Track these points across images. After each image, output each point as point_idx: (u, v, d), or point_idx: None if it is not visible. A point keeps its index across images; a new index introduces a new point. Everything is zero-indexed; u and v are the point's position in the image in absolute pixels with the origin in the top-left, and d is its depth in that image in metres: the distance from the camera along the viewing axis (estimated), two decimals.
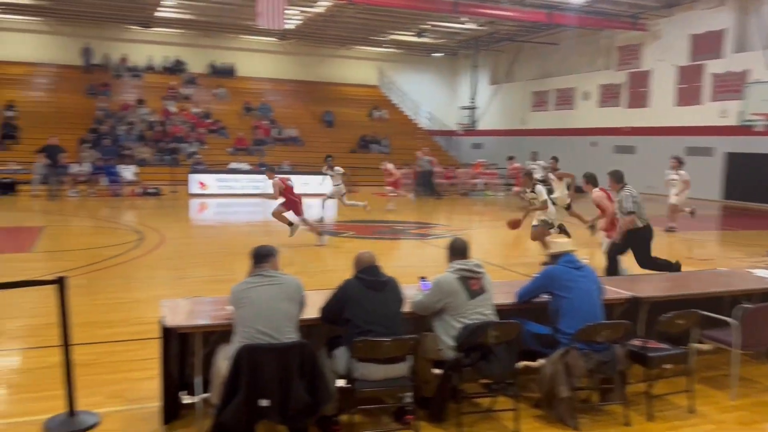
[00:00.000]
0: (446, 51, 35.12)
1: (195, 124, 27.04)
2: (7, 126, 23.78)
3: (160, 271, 9.51)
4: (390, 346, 3.97)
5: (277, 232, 14.07)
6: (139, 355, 5.58)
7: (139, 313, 6.92)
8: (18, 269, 9.01)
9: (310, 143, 28.26)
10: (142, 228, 13.25)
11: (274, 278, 4.02)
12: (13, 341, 6.16)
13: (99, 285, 8.26)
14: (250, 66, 32.81)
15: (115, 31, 30.30)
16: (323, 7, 25.39)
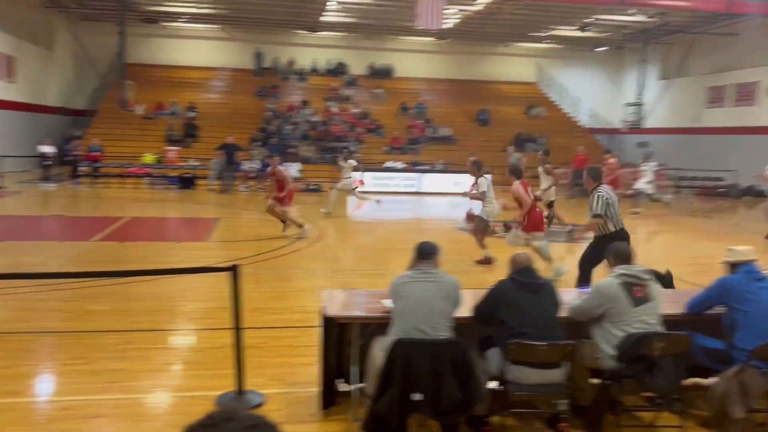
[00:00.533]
0: (611, 45, 33.39)
1: (354, 123, 28.04)
2: (189, 125, 26.15)
3: (319, 263, 9.98)
4: (545, 351, 3.87)
5: (429, 229, 14.21)
6: (300, 341, 5.90)
7: (301, 302, 7.31)
8: (196, 256, 9.89)
9: (463, 142, 28.21)
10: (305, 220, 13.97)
11: (433, 275, 4.07)
12: (191, 322, 6.78)
13: (265, 274, 8.83)
14: (407, 66, 33.40)
15: (284, 36, 32.22)
16: (482, 5, 25.22)
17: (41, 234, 11.70)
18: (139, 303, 7.11)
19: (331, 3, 25.93)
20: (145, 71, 29.44)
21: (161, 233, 11.89)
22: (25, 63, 25.14)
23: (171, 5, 27.40)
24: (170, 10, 28.13)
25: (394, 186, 22.32)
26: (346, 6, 26.49)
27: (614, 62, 34.84)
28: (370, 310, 4.40)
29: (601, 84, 34.61)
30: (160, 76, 29.78)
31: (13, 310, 6.76)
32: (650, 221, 17.11)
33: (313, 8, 26.94)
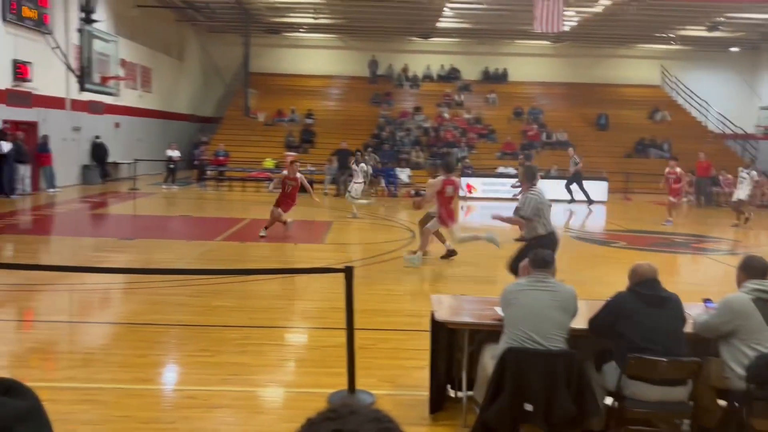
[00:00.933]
0: (745, 45, 31.14)
1: (466, 129, 27.90)
2: (307, 132, 27.08)
3: (428, 267, 10.01)
4: (667, 367, 3.67)
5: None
6: (409, 344, 5.95)
7: (410, 306, 7.38)
8: (312, 258, 10.23)
9: (581, 147, 27.26)
10: (414, 228, 14.08)
11: (549, 284, 3.97)
12: (306, 321, 7.02)
13: (376, 276, 8.98)
14: (521, 70, 32.83)
15: (399, 44, 32.65)
16: (602, 6, 24.34)
17: (171, 233, 12.55)
18: (259, 300, 7.45)
19: (446, 10, 25.98)
20: (266, 80, 30.84)
21: (279, 235, 12.39)
22: (159, 73, 27.09)
23: (292, 16, 28.55)
24: (291, 20, 29.33)
25: (505, 192, 21.95)
26: (461, 12, 26.45)
27: (748, 63, 32.45)
28: (481, 317, 4.36)
29: (733, 86, 32.32)
30: (281, 85, 31.10)
31: (146, 303, 7.29)
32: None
33: (428, 15, 27.11)
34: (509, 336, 3.83)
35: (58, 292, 7.71)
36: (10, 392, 1.06)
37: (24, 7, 16.94)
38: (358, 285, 4.86)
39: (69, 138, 19.79)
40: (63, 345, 5.94)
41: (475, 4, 24.82)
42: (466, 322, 4.32)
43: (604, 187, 21.98)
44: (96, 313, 7.04)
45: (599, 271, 10.21)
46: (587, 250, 12.13)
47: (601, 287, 7.98)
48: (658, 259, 11.19)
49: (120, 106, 22.95)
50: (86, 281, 8.04)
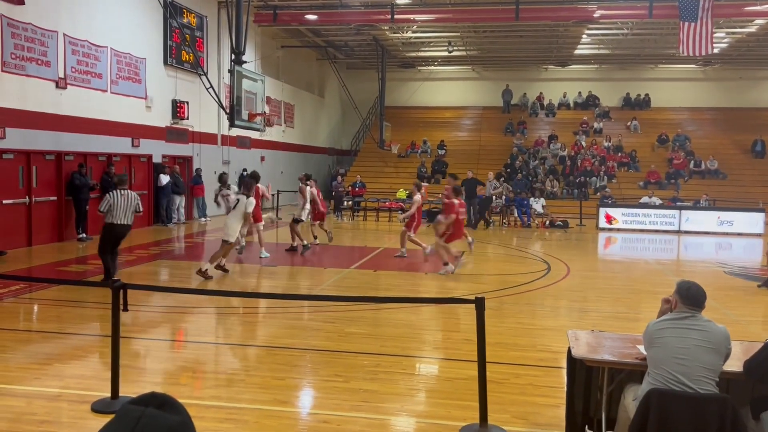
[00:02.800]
0: None
1: (605, 157, 26.85)
2: (438, 162, 27.31)
3: (564, 301, 9.66)
4: None
5: (690, 272, 12.98)
6: (543, 381, 5.74)
7: (544, 341, 7.13)
8: (443, 287, 10.22)
9: (734, 176, 25.34)
10: (549, 259, 13.67)
11: (698, 322, 3.65)
12: (436, 351, 7.00)
13: (508, 309, 8.79)
14: (665, 96, 31.19)
15: (533, 72, 32.25)
16: (756, 26, 22.66)
17: (310, 261, 13.06)
18: (391, 328, 7.54)
19: (584, 36, 25.36)
20: (400, 113, 31.60)
21: (411, 263, 12.51)
22: (301, 109, 28.60)
23: (426, 50, 29.15)
24: (425, 54, 29.94)
25: (650, 223, 20.78)
26: (600, 38, 25.71)
27: None
28: (623, 356, 4.13)
29: None
30: (414, 117, 31.73)
31: (284, 328, 7.62)
32: None
33: (565, 43, 26.63)
34: (653, 376, 3.59)
35: (206, 315, 8.27)
36: (164, 406, 1.15)
37: (183, 51, 18.66)
38: (489, 317, 4.78)
39: (219, 171, 21.34)
40: (209, 365, 6.34)
41: (615, 30, 24.03)
42: (606, 359, 4.11)
43: (761, 218, 20.17)
44: (239, 336, 7.46)
45: (756, 309, 9.35)
46: (740, 287, 11.15)
47: (756, 327, 7.31)
48: None
49: (265, 140, 24.44)
50: (232, 305, 8.55)
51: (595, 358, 4.10)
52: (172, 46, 18.34)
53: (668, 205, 22.15)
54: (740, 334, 6.77)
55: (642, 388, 3.63)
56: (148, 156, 17.72)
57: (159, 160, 18.22)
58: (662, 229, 20.46)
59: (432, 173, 26.75)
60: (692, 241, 18.65)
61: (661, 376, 3.54)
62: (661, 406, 3.41)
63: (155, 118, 17.93)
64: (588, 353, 4.18)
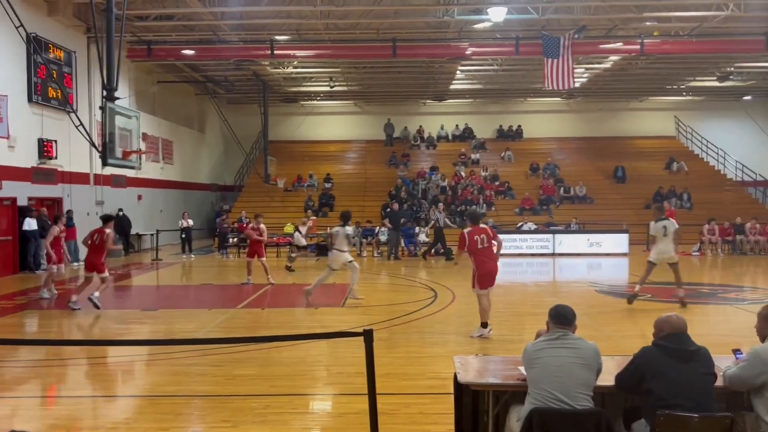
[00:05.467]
0: (758, 93, 31.30)
1: (483, 186, 28.03)
2: (325, 195, 27.40)
3: (451, 327, 9.88)
4: (699, 424, 3.55)
5: (565, 292, 13.70)
6: (433, 408, 5.82)
7: (433, 368, 7.25)
8: (333, 321, 10.17)
9: (600, 200, 27.27)
10: (435, 286, 13.99)
11: (570, 341, 3.88)
12: (328, 387, 6.92)
13: (398, 338, 8.88)
14: (535, 127, 33.21)
15: (413, 107, 33.33)
16: (611, 62, 24.74)
17: (192, 302, 12.58)
18: (280, 367, 7.39)
19: (458, 72, 26.57)
20: (285, 147, 31.51)
21: (300, 299, 12.38)
22: (180, 145, 27.77)
23: (308, 86, 29.37)
24: (307, 89, 30.16)
25: (527, 248, 21.85)
26: (473, 74, 27.03)
27: (762, 110, 32.55)
28: (506, 378, 4.28)
29: (749, 134, 32.32)
30: (299, 151, 31.76)
31: (167, 375, 7.26)
32: None
33: (441, 79, 27.74)
34: (533, 396, 3.75)
35: (81, 366, 7.72)
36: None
37: (49, 88, 17.63)
38: (380, 348, 4.81)
39: (93, 212, 20.19)
40: (86, 421, 5.91)
41: (486, 66, 25.37)
42: (490, 383, 4.24)
43: (625, 239, 21.79)
44: (118, 387, 7.01)
45: (625, 325, 10.01)
46: (611, 304, 11.94)
47: (627, 341, 7.82)
48: (686, 311, 10.96)
49: (142, 178, 23.47)
50: (109, 354, 8.05)
51: (479, 382, 4.22)
52: (37, 83, 17.29)
53: (542, 230, 23.43)
54: (612, 349, 7.20)
55: (524, 408, 3.77)
56: (11, 199, 16.49)
57: (25, 203, 17.00)
58: (538, 253, 21.58)
59: (320, 206, 26.76)
60: (566, 263, 19.77)
61: (540, 395, 3.70)
62: (542, 424, 3.56)
63: (19, 159, 16.75)
64: (473, 378, 4.30)
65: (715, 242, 21.84)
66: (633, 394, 3.96)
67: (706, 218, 22.59)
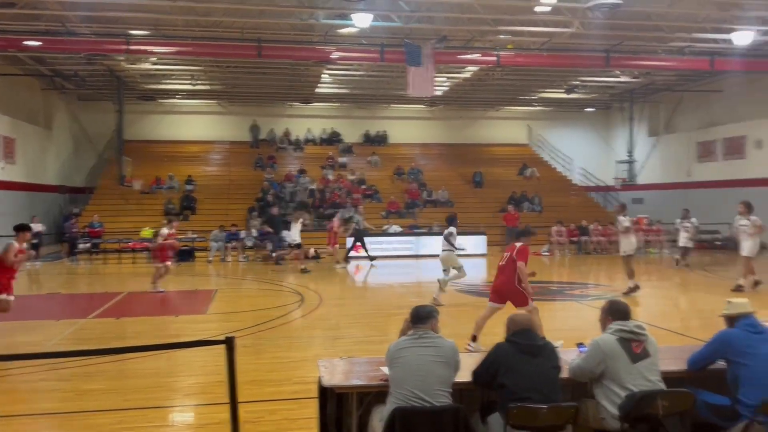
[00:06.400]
0: (599, 105, 34.16)
1: (350, 190, 28.30)
2: (187, 198, 26.37)
3: (318, 331, 9.88)
4: (547, 414, 3.79)
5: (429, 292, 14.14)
6: (299, 414, 5.78)
7: (300, 373, 7.20)
8: (195, 330, 9.80)
9: (460, 204, 28.44)
10: (302, 290, 13.92)
11: (430, 339, 4.01)
12: (189, 398, 6.65)
13: (264, 344, 8.72)
14: (400, 132, 34.00)
15: (279, 109, 32.92)
16: (470, 72, 25.90)
17: (38, 313, 11.61)
18: (136, 380, 7.00)
19: (325, 76, 26.62)
20: (142, 147, 29.93)
21: (159, 307, 11.80)
22: (23, 143, 25.51)
23: (168, 83, 28.10)
24: (166, 87, 28.84)
25: (393, 250, 22.33)
26: (339, 78, 27.19)
27: (603, 121, 35.53)
28: (370, 379, 4.33)
29: (591, 143, 35.16)
30: (158, 152, 30.27)
31: (9, 393, 6.64)
32: (653, 276, 17.08)
33: (307, 82, 27.63)
34: (395, 396, 3.83)
35: None
36: None
37: None
38: (245, 355, 4.70)
39: None
40: None
41: (352, 71, 25.62)
42: (354, 385, 4.27)
43: (483, 240, 22.90)
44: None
45: None
46: (470, 302, 12.48)
47: (484, 338, 8.20)
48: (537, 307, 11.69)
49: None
50: None
51: (343, 384, 4.24)
52: None
53: (407, 232, 24.07)
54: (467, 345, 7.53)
55: (386, 408, 3.84)
56: None
57: None
58: (404, 255, 22.14)
59: (181, 209, 25.71)
60: (429, 264, 20.38)
61: (402, 395, 3.79)
62: (404, 423, 3.64)
63: None
64: (337, 381, 4.31)
65: (562, 243, 23.52)
66: (489, 389, 4.16)
67: (554, 221, 24.27)
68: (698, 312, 11.04)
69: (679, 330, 9.20)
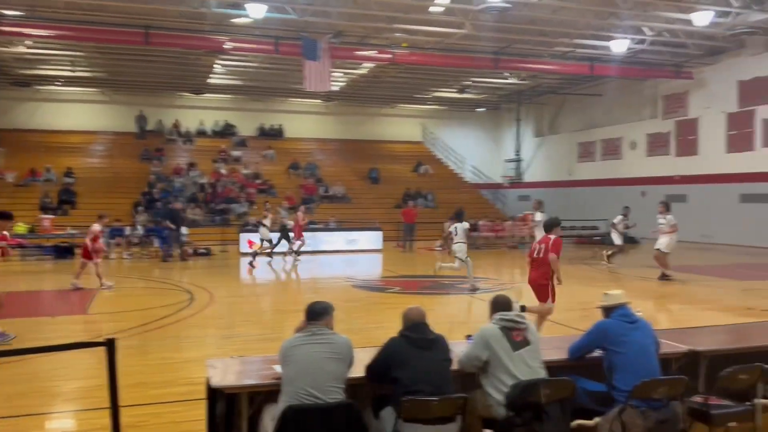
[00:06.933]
0: (489, 105, 35.41)
1: (244, 184, 27.71)
2: (66, 192, 24.81)
3: (209, 330, 9.59)
4: (438, 406, 3.87)
5: (324, 288, 14.11)
6: (186, 416, 5.58)
7: (188, 374, 6.95)
8: (75, 331, 9.24)
9: (356, 200, 28.59)
10: (192, 288, 13.46)
11: (324, 336, 3.98)
12: (67, 403, 6.26)
13: (151, 345, 8.36)
14: (297, 127, 33.70)
15: (169, 99, 31.65)
16: (366, 69, 26.05)
17: None
18: (7, 386, 6.49)
19: (217, 66, 25.87)
20: (17, 136, 27.88)
21: (34, 308, 11.03)
22: None
23: (45, 69, 26.28)
24: (44, 73, 26.96)
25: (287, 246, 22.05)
26: (232, 69, 26.51)
27: (493, 121, 36.87)
28: (262, 377, 4.25)
29: (482, 142, 36.42)
30: (34, 142, 28.26)
31: None
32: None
33: (198, 72, 26.74)
34: (287, 394, 3.77)
35: None
36: None
37: None
38: (130, 356, 4.48)
39: None
40: None
41: (246, 62, 25.05)
42: (244, 384, 4.17)
43: (379, 236, 23.14)
44: None
45: (377, 317, 10.60)
46: (365, 298, 12.57)
47: (379, 333, 8.27)
48: (430, 301, 11.97)
49: None
50: None
51: (232, 384, 4.13)
52: None
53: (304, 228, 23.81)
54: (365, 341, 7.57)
55: (278, 407, 3.78)
56: None
57: None
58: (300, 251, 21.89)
59: (59, 203, 24.15)
60: (325, 260, 20.39)
61: (294, 393, 3.74)
62: (296, 422, 3.59)
63: None
64: (227, 380, 4.20)
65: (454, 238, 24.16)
66: (382, 383, 4.19)
67: (447, 217, 24.90)
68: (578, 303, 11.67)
69: (561, 321, 9.69)
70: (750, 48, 21.86)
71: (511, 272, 17.84)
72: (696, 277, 15.04)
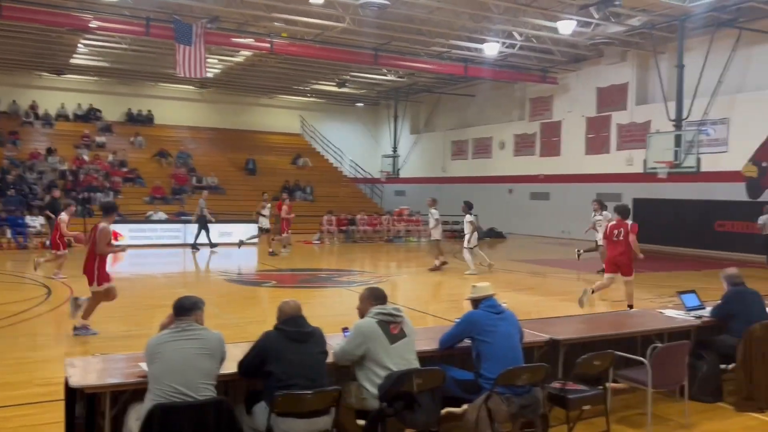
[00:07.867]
0: (368, 101, 35.77)
1: (109, 172, 26.16)
2: None
3: (68, 327, 8.97)
4: (312, 399, 3.86)
5: (196, 283, 13.67)
6: (41, 419, 5.20)
7: (45, 374, 6.49)
8: None
9: (231, 191, 27.85)
10: (49, 282, 12.56)
11: (193, 332, 3.84)
12: None
13: (2, 344, 7.72)
14: (168, 114, 32.25)
15: (25, 78, 29.20)
16: (243, 57, 25.42)
17: None
18: None
19: (81, 46, 24.20)
20: None
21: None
22: None
23: None
24: None
25: (156, 238, 21.13)
26: (98, 50, 24.90)
27: (371, 117, 37.30)
28: (127, 376, 4.04)
29: (360, 137, 36.75)
30: None
31: None
32: (411, 263, 18.35)
33: (60, 51, 24.88)
34: (154, 392, 3.61)
35: None
36: None
37: None
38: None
39: None
40: None
41: (113, 43, 23.61)
42: (106, 384, 3.94)
43: (255, 228, 22.67)
44: None
45: (252, 311, 10.43)
46: (239, 292, 12.31)
47: (253, 327, 8.14)
48: (306, 294, 11.94)
49: None
50: None
51: (94, 384, 3.90)
52: None
53: (173, 219, 22.96)
54: (238, 336, 7.41)
55: (144, 406, 3.61)
56: None
57: None
58: (169, 243, 21.06)
59: None
60: (198, 253, 19.70)
61: (162, 391, 3.58)
62: (163, 421, 3.45)
63: None
64: (87, 380, 3.95)
65: (332, 232, 24.25)
66: (255, 378, 4.12)
67: (325, 210, 24.92)
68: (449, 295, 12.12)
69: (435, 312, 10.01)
70: (608, 57, 23.61)
71: (387, 265, 18.18)
72: (554, 270, 16.08)
